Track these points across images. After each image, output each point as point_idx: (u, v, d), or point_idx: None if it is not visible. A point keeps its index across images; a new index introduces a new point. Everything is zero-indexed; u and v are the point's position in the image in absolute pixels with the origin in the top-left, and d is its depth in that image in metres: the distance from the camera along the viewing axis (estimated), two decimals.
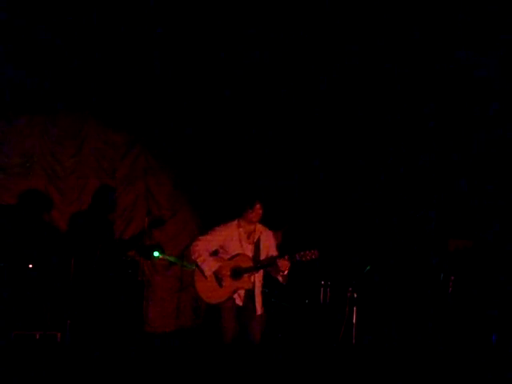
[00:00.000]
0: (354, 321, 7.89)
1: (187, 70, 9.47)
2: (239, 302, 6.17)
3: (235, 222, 6.30)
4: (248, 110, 9.77)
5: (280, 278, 6.24)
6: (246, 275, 6.13)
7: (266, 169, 9.71)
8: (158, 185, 9.76)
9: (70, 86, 9.12)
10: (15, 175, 8.86)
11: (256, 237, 6.27)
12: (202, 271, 6.16)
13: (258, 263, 6.18)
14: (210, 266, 6.12)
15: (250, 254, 6.21)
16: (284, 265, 6.06)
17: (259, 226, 6.32)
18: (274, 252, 6.34)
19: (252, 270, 6.14)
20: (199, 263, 6.15)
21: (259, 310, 6.24)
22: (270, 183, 9.34)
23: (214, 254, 6.28)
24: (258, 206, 6.19)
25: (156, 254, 9.30)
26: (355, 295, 7.98)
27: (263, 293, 6.40)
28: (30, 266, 8.13)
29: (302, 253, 6.07)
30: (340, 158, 9.49)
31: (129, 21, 8.71)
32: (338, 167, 9.49)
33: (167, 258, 9.49)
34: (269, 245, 6.34)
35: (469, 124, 8.10)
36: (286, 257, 6.09)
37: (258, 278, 6.23)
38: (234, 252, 6.20)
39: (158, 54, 9.20)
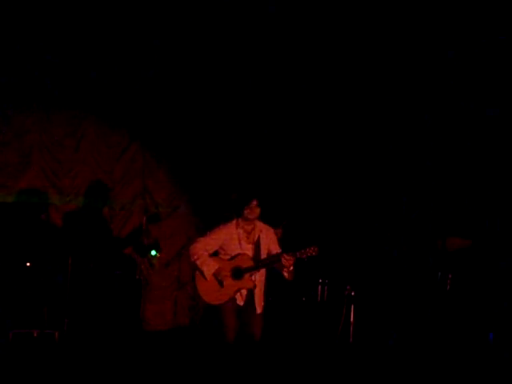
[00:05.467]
0: (352, 319, 7.90)
1: (185, 68, 9.48)
2: (240, 301, 6.16)
3: (234, 222, 6.26)
4: (247, 107, 9.78)
5: (285, 274, 6.20)
6: (247, 275, 6.12)
7: (265, 166, 9.72)
8: (155, 183, 9.76)
9: (68, 85, 9.12)
10: (13, 173, 8.85)
11: (256, 236, 6.25)
12: (201, 273, 6.14)
13: (258, 262, 6.16)
14: (209, 268, 6.09)
15: (250, 253, 6.19)
16: (288, 261, 6.05)
17: (259, 225, 6.29)
18: (275, 249, 6.31)
19: (253, 269, 6.13)
20: (199, 265, 6.13)
21: (259, 308, 6.23)
22: (269, 180, 9.35)
23: (214, 254, 6.26)
24: (254, 203, 6.16)
25: (153, 252, 9.30)
26: (353, 293, 7.99)
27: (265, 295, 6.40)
28: (28, 264, 8.13)
29: (302, 250, 6.07)
30: (338, 155, 9.50)
31: (127, 20, 8.72)
32: (336, 165, 9.50)
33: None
34: (269, 242, 6.31)
35: (468, 121, 8.12)
36: (290, 254, 6.07)
37: (258, 277, 6.21)
38: (233, 252, 6.18)
39: (156, 52, 9.21)
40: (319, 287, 8.62)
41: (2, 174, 8.80)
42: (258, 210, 6.17)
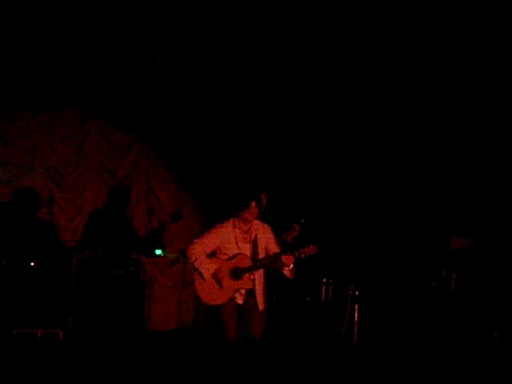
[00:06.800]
0: (356, 319, 7.88)
1: (189, 68, 9.48)
2: (240, 300, 6.15)
3: (230, 222, 6.24)
4: (253, 106, 9.76)
5: (286, 273, 6.19)
6: (246, 275, 6.10)
7: (269, 166, 9.70)
8: (159, 183, 9.78)
9: (72, 84, 9.14)
10: (17, 172, 8.87)
11: (253, 235, 6.22)
12: (200, 274, 6.13)
13: (257, 262, 6.14)
14: (207, 268, 6.08)
15: (247, 253, 6.17)
16: (288, 260, 6.03)
17: (255, 223, 6.26)
18: (273, 247, 6.28)
19: (251, 269, 6.11)
20: (197, 266, 6.11)
21: (261, 306, 6.21)
22: (272, 180, 9.34)
23: (212, 255, 6.25)
24: (253, 204, 6.14)
25: (158, 252, 9.31)
26: (357, 293, 7.97)
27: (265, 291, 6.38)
28: (32, 263, 8.14)
29: (300, 249, 6.04)
30: (342, 154, 9.48)
31: (131, 19, 8.72)
32: (339, 165, 9.48)
33: (169, 256, 9.51)
34: (267, 241, 6.29)
35: (470, 120, 8.09)
36: (289, 253, 6.05)
37: (258, 275, 6.20)
38: (231, 252, 6.16)
39: (159, 52, 9.21)
40: (323, 287, 8.61)
41: (6, 173, 8.82)
42: (256, 211, 6.15)
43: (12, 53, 8.70)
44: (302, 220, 7.98)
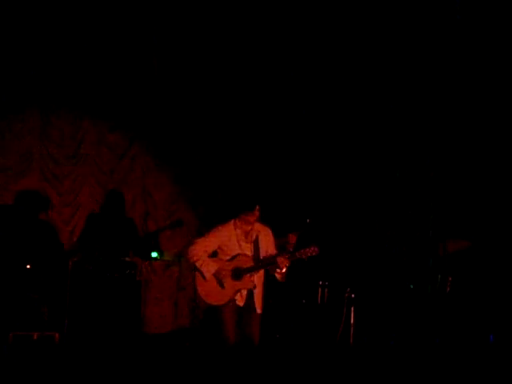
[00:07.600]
0: (352, 321, 7.89)
1: (186, 69, 9.48)
2: (240, 302, 6.16)
3: (232, 223, 6.27)
4: (249, 108, 9.76)
5: (278, 276, 6.22)
6: (247, 275, 6.12)
7: (267, 170, 9.71)
8: (155, 185, 9.76)
9: (68, 87, 9.13)
10: (13, 176, 8.86)
11: (254, 236, 6.25)
12: (201, 273, 6.14)
13: (258, 262, 6.16)
14: (209, 268, 6.10)
15: (249, 253, 6.19)
16: (283, 262, 6.05)
17: (257, 225, 6.29)
18: (273, 250, 6.32)
19: (253, 269, 6.13)
20: (198, 266, 6.13)
21: (259, 309, 6.23)
22: (269, 185, 9.36)
23: (213, 255, 6.26)
24: (257, 207, 6.17)
25: (154, 254, 9.30)
26: (353, 296, 7.99)
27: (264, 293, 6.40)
28: (28, 266, 8.13)
29: (301, 250, 6.07)
30: (337, 159, 9.49)
31: (127, 20, 8.73)
32: (336, 169, 9.49)
33: (166, 258, 9.52)
34: (268, 243, 6.31)
35: (465, 124, 8.12)
36: (286, 255, 6.08)
37: (257, 277, 6.21)
38: (232, 253, 6.18)
39: (156, 53, 9.22)
40: (319, 289, 8.62)
41: (2, 177, 8.81)
42: (258, 214, 6.18)
43: (7, 55, 8.69)
44: (308, 220, 7.99)
